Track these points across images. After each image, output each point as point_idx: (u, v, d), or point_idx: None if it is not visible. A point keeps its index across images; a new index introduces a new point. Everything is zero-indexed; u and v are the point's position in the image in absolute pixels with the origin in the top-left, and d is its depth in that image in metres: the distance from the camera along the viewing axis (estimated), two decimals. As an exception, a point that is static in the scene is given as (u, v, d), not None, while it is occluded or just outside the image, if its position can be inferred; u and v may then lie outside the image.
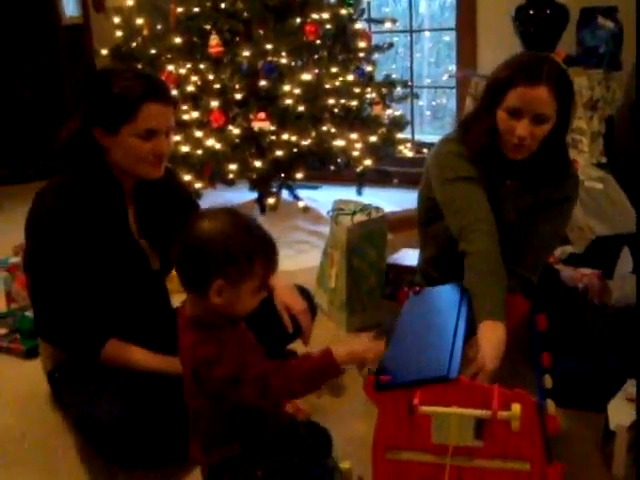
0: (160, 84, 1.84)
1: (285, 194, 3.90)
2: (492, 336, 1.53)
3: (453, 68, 4.70)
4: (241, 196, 4.18)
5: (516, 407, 1.25)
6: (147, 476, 1.77)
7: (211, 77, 3.43)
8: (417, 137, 4.90)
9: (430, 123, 5.67)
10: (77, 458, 1.88)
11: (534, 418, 1.27)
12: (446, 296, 1.68)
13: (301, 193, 3.97)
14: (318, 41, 3.64)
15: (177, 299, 2.25)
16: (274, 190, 3.74)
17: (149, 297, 2.02)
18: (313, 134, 3.47)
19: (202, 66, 3.48)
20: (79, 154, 1.87)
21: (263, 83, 3.43)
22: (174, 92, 3.44)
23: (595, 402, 1.84)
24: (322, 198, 4.11)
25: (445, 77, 5.12)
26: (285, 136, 3.42)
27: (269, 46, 3.43)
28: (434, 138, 4.86)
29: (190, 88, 3.46)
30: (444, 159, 1.95)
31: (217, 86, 3.44)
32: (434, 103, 5.67)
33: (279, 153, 3.39)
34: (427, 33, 5.22)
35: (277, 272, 1.66)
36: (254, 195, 3.94)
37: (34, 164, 5.11)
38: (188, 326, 1.44)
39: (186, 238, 1.42)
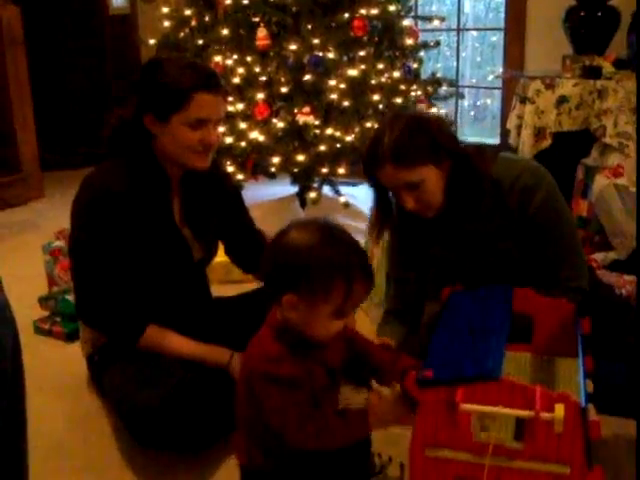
0: (212, 74, 1.85)
1: (326, 189, 3.90)
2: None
3: (498, 69, 4.66)
4: (282, 190, 4.19)
5: (560, 408, 1.23)
6: (182, 460, 1.78)
7: (257, 69, 3.44)
8: (460, 137, 4.86)
9: (471, 125, 5.63)
10: (113, 442, 1.90)
11: (577, 421, 1.25)
12: (489, 295, 1.67)
13: (342, 189, 3.96)
14: (365, 37, 3.63)
15: (217, 289, 2.29)
16: (315, 185, 3.74)
17: (189, 286, 2.04)
18: (357, 130, 3.46)
19: (249, 58, 3.48)
20: (128, 141, 1.89)
21: (308, 77, 3.42)
22: (221, 84, 3.46)
23: (633, 409, 1.81)
24: (362, 195, 4.10)
25: (491, 77, 5.07)
26: (329, 131, 3.41)
27: (316, 40, 3.42)
28: (475, 139, 4.84)
29: (236, 80, 3.47)
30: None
31: (263, 79, 3.44)
32: (478, 103, 5.62)
33: (322, 148, 3.39)
34: (474, 33, 5.18)
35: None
36: (295, 189, 3.94)
37: (82, 150, 5.18)
38: (272, 333, 1.41)
39: (272, 244, 1.39)
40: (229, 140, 3.40)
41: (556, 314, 1.67)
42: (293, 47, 3.43)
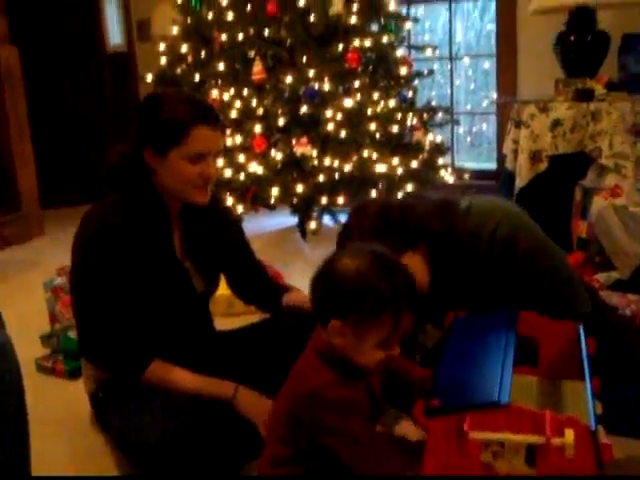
0: (209, 109, 1.86)
1: (326, 219, 3.91)
2: None
3: (491, 95, 4.70)
4: (282, 221, 4.21)
5: (570, 433, 1.23)
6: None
7: (254, 103, 3.48)
8: (456, 164, 4.91)
9: (467, 151, 5.66)
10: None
11: (588, 444, 1.25)
12: (493, 320, 1.66)
13: (342, 219, 3.98)
14: (360, 68, 3.67)
15: (220, 322, 2.29)
16: (315, 215, 3.75)
17: (192, 319, 2.04)
18: (355, 159, 3.49)
19: (245, 92, 3.53)
20: (127, 176, 1.90)
21: (305, 109, 3.46)
22: (218, 117, 3.49)
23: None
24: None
25: (485, 103, 5.11)
26: (327, 161, 3.44)
27: (312, 72, 3.47)
28: (472, 165, 4.88)
29: (233, 114, 3.51)
30: None
31: (260, 111, 3.48)
32: (474, 129, 5.65)
33: (321, 178, 3.42)
34: (466, 60, 5.23)
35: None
36: (295, 220, 3.96)
37: (79, 188, 5.20)
38: (320, 359, 1.40)
39: (324, 267, 1.39)
40: (228, 173, 3.42)
41: (561, 336, 1.67)
42: (289, 80, 3.48)
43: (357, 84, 3.67)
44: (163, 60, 4.07)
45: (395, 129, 3.74)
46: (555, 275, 1.88)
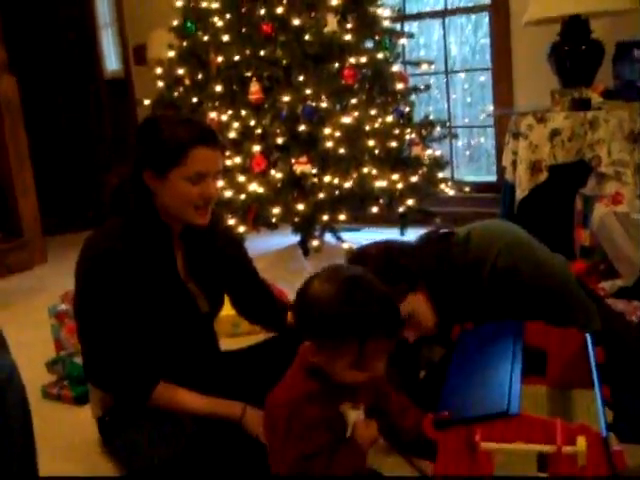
0: (208, 129, 1.87)
1: (328, 237, 3.91)
2: None
3: (488, 107, 4.71)
4: (284, 240, 4.20)
5: (581, 441, 1.22)
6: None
7: (252, 123, 3.49)
8: (456, 177, 4.92)
9: (467, 165, 5.66)
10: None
11: (600, 452, 1.24)
12: (499, 331, 1.66)
13: (343, 235, 3.98)
14: (356, 84, 3.69)
15: (225, 343, 2.28)
16: (317, 233, 3.76)
17: (197, 340, 2.03)
18: (354, 176, 3.50)
19: (243, 112, 3.54)
20: (128, 199, 1.90)
21: (303, 127, 3.47)
22: (217, 139, 3.51)
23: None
24: (364, 241, 4.11)
25: (482, 117, 5.13)
26: (327, 178, 3.45)
27: (309, 91, 3.48)
28: (472, 179, 4.88)
29: (232, 134, 3.52)
30: None
31: (258, 131, 3.49)
32: (472, 142, 5.66)
33: (321, 196, 3.42)
34: (462, 75, 5.25)
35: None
36: (297, 239, 3.96)
37: (80, 213, 5.21)
38: (304, 372, 1.44)
39: (300, 289, 1.43)
40: (228, 194, 3.43)
41: (568, 345, 1.66)
42: (286, 99, 3.49)
43: (354, 101, 3.68)
44: (160, 84, 4.09)
45: (394, 144, 3.75)
46: (562, 298, 1.87)
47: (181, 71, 3.96)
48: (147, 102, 4.10)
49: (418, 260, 1.85)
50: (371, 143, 3.64)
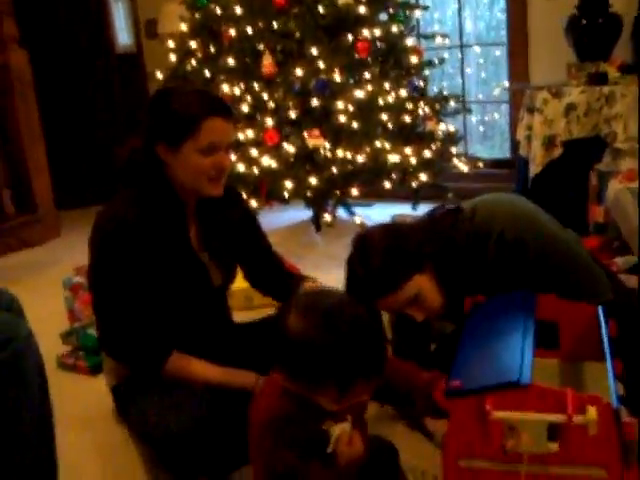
0: (220, 100, 1.87)
1: (340, 212, 3.91)
2: None
3: (504, 83, 4.68)
4: (297, 215, 4.20)
5: (592, 411, 1.22)
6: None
7: (265, 96, 3.47)
8: (469, 153, 4.88)
9: (480, 141, 5.63)
10: (142, 472, 1.89)
11: (610, 422, 1.24)
12: (511, 303, 1.65)
13: (356, 211, 3.97)
14: (370, 58, 3.66)
15: (238, 316, 2.29)
16: (329, 208, 3.75)
17: (211, 311, 2.04)
18: (367, 150, 3.49)
19: (256, 86, 3.52)
20: (141, 171, 1.90)
21: (316, 101, 3.45)
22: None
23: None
24: (377, 215, 4.11)
25: (497, 92, 5.09)
26: (340, 153, 3.44)
27: (322, 64, 3.46)
28: (485, 155, 4.85)
29: (244, 108, 3.51)
30: None
31: (271, 105, 3.48)
32: (486, 119, 5.63)
33: (334, 170, 3.41)
34: (477, 50, 5.20)
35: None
36: (309, 214, 3.96)
37: (93, 188, 5.22)
38: (280, 390, 1.38)
39: (281, 319, 1.34)
40: (241, 168, 3.42)
41: (581, 318, 1.66)
42: (299, 72, 3.46)
43: (368, 74, 3.66)
44: (172, 57, 4.08)
45: (407, 119, 3.73)
46: (571, 268, 1.86)
47: (193, 44, 3.94)
48: (159, 75, 4.09)
49: (424, 241, 1.84)
50: (384, 117, 3.62)
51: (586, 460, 1.28)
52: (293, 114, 3.48)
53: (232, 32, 3.67)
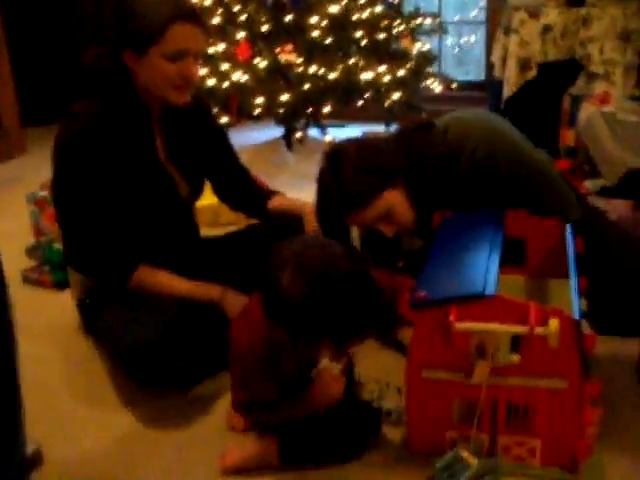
0: (188, 5, 1.79)
1: (313, 132, 3.85)
2: None
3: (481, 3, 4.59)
4: (268, 134, 4.14)
5: (554, 322, 1.23)
6: (179, 398, 1.79)
7: (237, 8, 3.37)
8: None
9: (456, 67, 5.54)
10: (108, 383, 1.90)
11: (572, 334, 1.26)
12: (480, 219, 1.66)
13: (328, 130, 3.92)
14: (345, -28, 3.56)
15: (206, 233, 2.27)
16: (301, 126, 3.70)
17: (178, 224, 2.02)
18: (341, 67, 3.42)
19: (227, -3, 3.42)
20: (107, 79, 1.84)
21: (290, 15, 3.36)
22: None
23: (631, 327, 1.82)
24: (349, 135, 4.07)
25: (475, 12, 5.00)
26: (312, 69, 3.36)
27: (296, -23, 3.36)
28: (460, 79, 4.78)
29: (215, 20, 3.40)
30: None
31: (243, 18, 3.38)
32: (462, 41, 5.53)
33: (306, 86, 3.35)
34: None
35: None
36: (281, 132, 3.90)
37: (61, 105, 5.07)
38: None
39: (271, 276, 1.32)
40: (211, 82, 3.34)
41: (548, 235, 1.67)
42: (272, -16, 3.36)
43: (342, -11, 3.56)
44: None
45: (382, 36, 3.66)
46: (542, 187, 1.85)
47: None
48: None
49: (395, 155, 1.82)
50: (358, 34, 3.54)
51: (548, 371, 1.30)
52: (265, 28, 3.39)
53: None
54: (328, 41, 3.41)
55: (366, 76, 3.49)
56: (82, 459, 1.59)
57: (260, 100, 3.34)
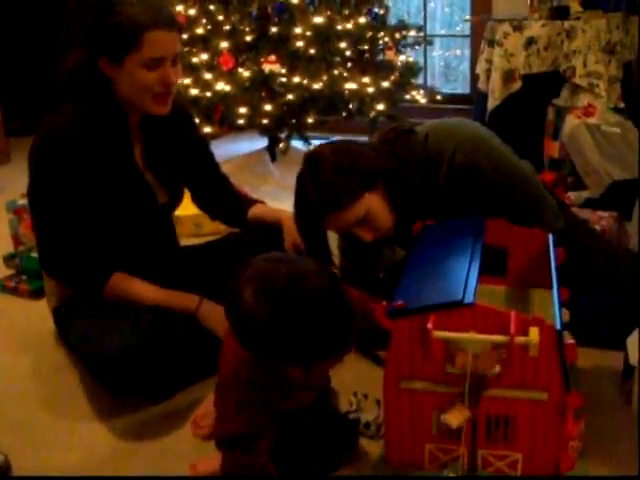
0: (163, 10, 1.74)
1: (296, 143, 3.83)
2: None
3: (466, 16, 4.60)
4: (251, 145, 4.12)
5: (534, 331, 1.21)
6: (152, 409, 1.75)
7: (221, 18, 3.35)
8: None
9: (441, 76, 5.55)
10: (82, 393, 1.86)
11: (553, 344, 1.23)
12: (460, 228, 1.63)
13: (312, 141, 3.90)
14: (330, -18, 3.55)
15: (187, 243, 2.24)
16: (284, 137, 3.68)
17: (155, 232, 1.99)
18: (324, 77, 3.40)
19: (212, 7, 3.40)
20: (85, 85, 1.81)
21: (274, 25, 3.35)
22: (183, 36, 3.39)
23: (614, 339, 1.80)
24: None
25: (459, 27, 5.01)
26: (296, 79, 3.34)
27: (280, -13, 3.35)
28: (446, 91, 4.79)
29: (199, 30, 3.38)
30: None
31: (227, 28, 3.36)
32: (447, 54, 5.55)
33: (290, 97, 3.33)
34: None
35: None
36: (264, 143, 3.88)
37: (43, 115, 5.03)
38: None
39: (235, 296, 1.22)
40: (194, 92, 3.32)
41: (530, 244, 1.65)
42: (257, -5, 3.35)
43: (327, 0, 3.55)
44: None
45: (366, 47, 3.65)
46: (524, 195, 1.84)
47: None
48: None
49: (375, 159, 1.80)
50: (343, 45, 3.53)
51: (528, 382, 1.27)
52: (249, 38, 3.37)
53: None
54: (312, 51, 3.39)
55: (350, 86, 3.48)
56: (51, 469, 1.56)
57: (244, 110, 3.32)
